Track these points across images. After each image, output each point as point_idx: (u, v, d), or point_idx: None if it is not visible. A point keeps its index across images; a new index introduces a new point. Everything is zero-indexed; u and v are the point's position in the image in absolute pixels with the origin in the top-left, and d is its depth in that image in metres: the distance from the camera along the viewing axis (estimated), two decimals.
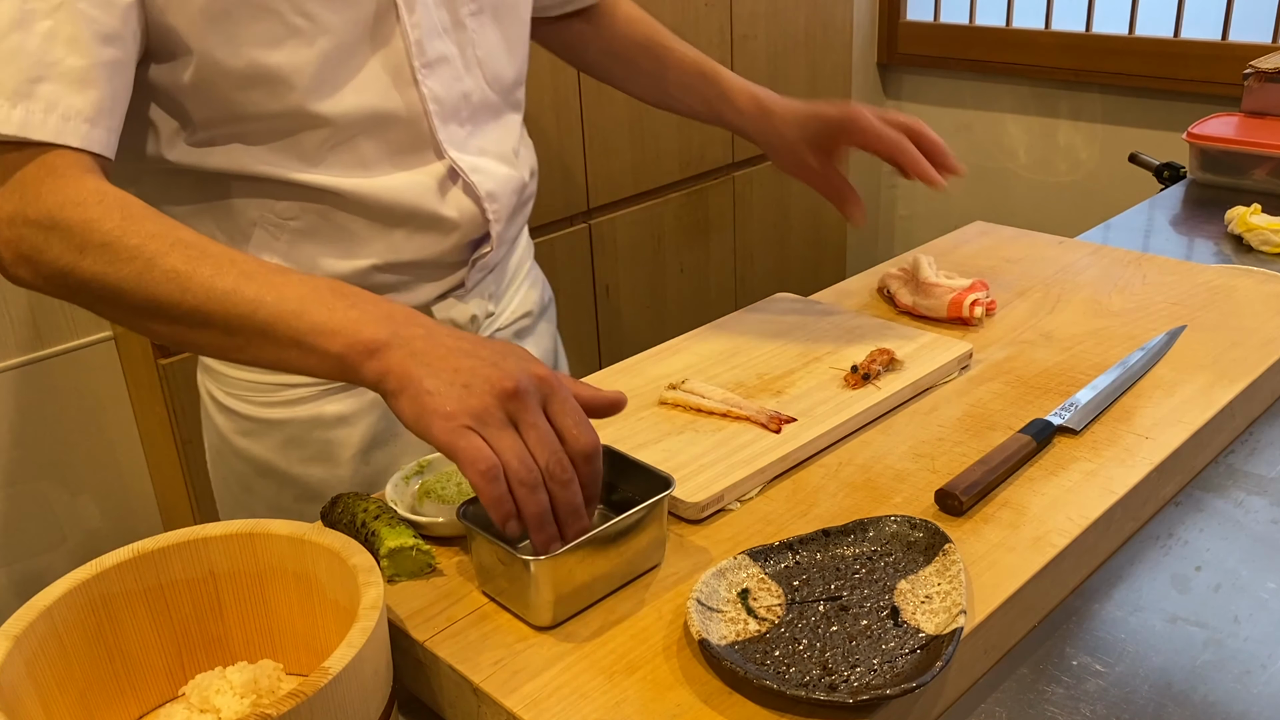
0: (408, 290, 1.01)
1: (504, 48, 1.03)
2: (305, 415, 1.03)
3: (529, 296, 1.18)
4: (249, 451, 1.06)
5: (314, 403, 1.03)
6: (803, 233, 2.64)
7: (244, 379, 1.03)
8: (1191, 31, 2.54)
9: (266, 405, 1.03)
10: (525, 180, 1.08)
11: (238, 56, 0.86)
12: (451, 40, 0.97)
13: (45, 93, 0.77)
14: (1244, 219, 1.49)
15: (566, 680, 0.68)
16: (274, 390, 1.03)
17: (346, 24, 0.89)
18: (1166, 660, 0.74)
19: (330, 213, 0.95)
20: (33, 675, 0.65)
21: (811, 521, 0.82)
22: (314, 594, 0.73)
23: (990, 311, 1.15)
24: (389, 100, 0.93)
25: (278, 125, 0.91)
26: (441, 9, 0.96)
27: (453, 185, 0.99)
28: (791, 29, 2.42)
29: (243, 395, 1.04)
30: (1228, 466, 0.96)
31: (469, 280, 1.05)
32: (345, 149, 0.93)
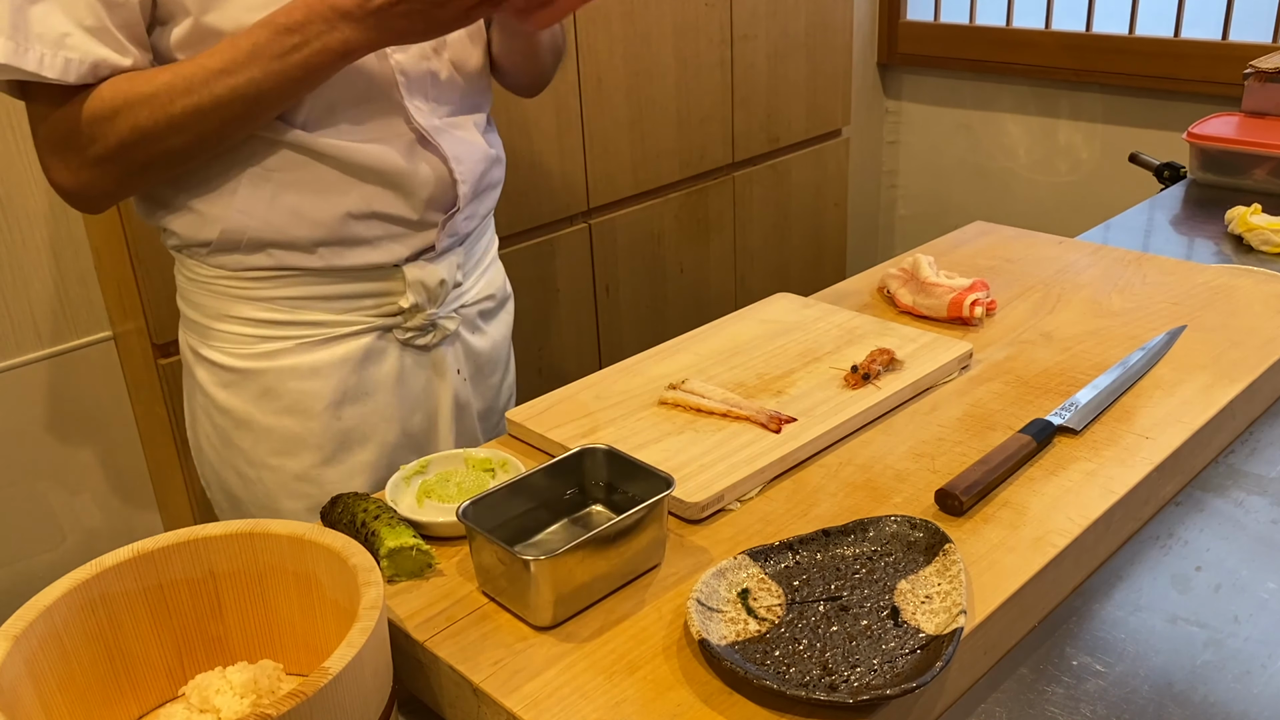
0: (381, 245, 1.09)
1: (468, 37, 1.13)
2: (282, 366, 1.10)
3: (494, 281, 1.26)
4: (227, 404, 1.12)
5: (290, 356, 1.10)
6: (803, 233, 2.64)
7: (232, 331, 1.10)
8: (1191, 31, 2.54)
9: (248, 357, 1.10)
10: (491, 156, 1.16)
11: (228, 20, 0.95)
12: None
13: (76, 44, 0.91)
14: (1244, 219, 1.49)
15: (566, 680, 0.68)
16: (254, 342, 1.10)
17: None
18: (1166, 660, 0.74)
19: (310, 165, 1.03)
20: (33, 675, 0.65)
21: (811, 521, 0.82)
22: (314, 594, 0.73)
23: (990, 311, 1.15)
24: (365, 68, 1.02)
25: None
26: None
27: (420, 148, 1.08)
28: (791, 29, 2.42)
29: (224, 348, 1.11)
30: (1228, 466, 0.96)
31: (439, 243, 1.12)
32: (325, 113, 1.02)
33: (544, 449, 0.94)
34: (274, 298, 1.08)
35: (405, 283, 1.11)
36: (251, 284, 1.08)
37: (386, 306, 1.12)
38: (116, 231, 1.59)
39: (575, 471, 0.83)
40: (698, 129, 2.27)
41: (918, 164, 3.13)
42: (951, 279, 1.16)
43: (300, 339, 1.10)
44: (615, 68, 2.07)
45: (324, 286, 1.09)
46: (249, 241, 1.05)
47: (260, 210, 1.04)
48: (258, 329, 1.10)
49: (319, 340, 1.10)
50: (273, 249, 1.06)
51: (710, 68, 2.26)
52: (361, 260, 1.08)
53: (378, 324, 1.12)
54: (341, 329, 1.11)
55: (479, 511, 0.77)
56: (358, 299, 1.11)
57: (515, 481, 0.80)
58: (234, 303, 1.09)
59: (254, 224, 1.04)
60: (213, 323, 1.11)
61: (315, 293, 1.09)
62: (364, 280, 1.10)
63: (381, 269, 1.10)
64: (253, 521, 0.74)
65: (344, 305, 1.10)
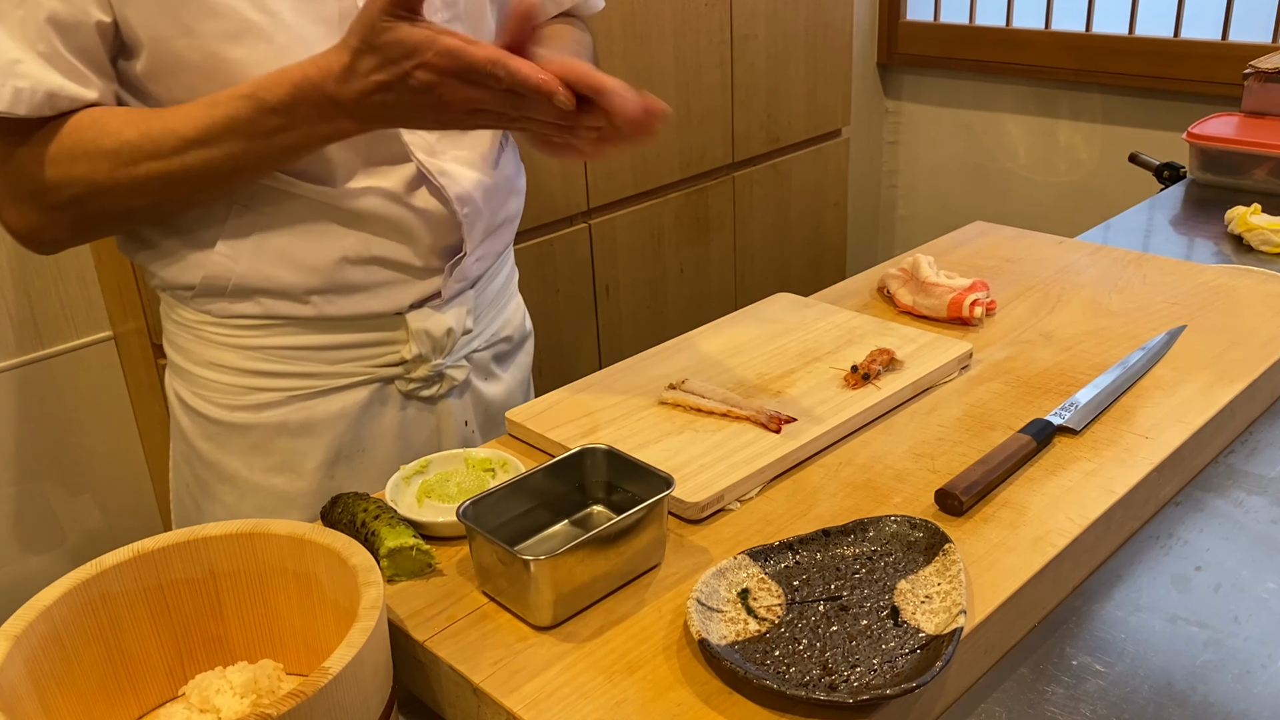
0: (381, 292, 1.00)
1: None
2: (271, 421, 1.02)
3: (511, 321, 1.16)
4: (211, 456, 1.04)
5: (280, 409, 1.02)
6: (803, 233, 2.64)
7: (217, 380, 1.02)
8: (1191, 31, 2.54)
9: (234, 409, 1.02)
10: (503, 189, 1.05)
11: (195, 49, 0.87)
12: None
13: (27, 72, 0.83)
14: (1244, 219, 1.49)
15: (566, 680, 0.68)
16: (242, 393, 1.01)
17: (307, 22, 0.89)
18: (1166, 660, 0.74)
19: (300, 206, 0.95)
20: (33, 675, 0.65)
21: (811, 521, 0.82)
22: (314, 594, 0.73)
23: (990, 311, 1.15)
24: None
25: None
26: None
27: (420, 188, 0.98)
28: (791, 29, 2.42)
29: (210, 397, 1.03)
30: (1228, 466, 0.96)
31: (446, 290, 1.03)
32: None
33: (544, 449, 0.94)
34: (263, 347, 1.00)
35: (408, 332, 1.02)
36: (239, 332, 1.00)
37: (387, 357, 1.03)
38: None
39: (575, 471, 0.83)
40: (698, 129, 2.27)
41: (918, 164, 3.13)
42: (951, 279, 1.16)
43: (292, 391, 1.02)
44: (615, 68, 2.07)
45: (318, 336, 1.00)
46: (234, 288, 0.97)
47: (246, 254, 0.95)
48: (246, 379, 1.01)
49: (312, 393, 1.02)
50: (261, 296, 0.97)
51: (710, 68, 2.26)
52: (359, 309, 1.00)
53: (378, 375, 1.04)
54: (337, 381, 1.02)
55: (479, 511, 0.77)
56: (355, 349, 1.02)
57: (515, 481, 0.80)
58: (220, 350, 1.01)
59: (239, 269, 0.96)
60: (198, 370, 1.03)
61: (308, 343, 1.00)
62: (362, 330, 1.01)
63: (382, 317, 1.01)
64: (253, 521, 0.74)
65: (340, 356, 1.02)
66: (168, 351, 1.07)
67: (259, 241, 0.95)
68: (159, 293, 1.04)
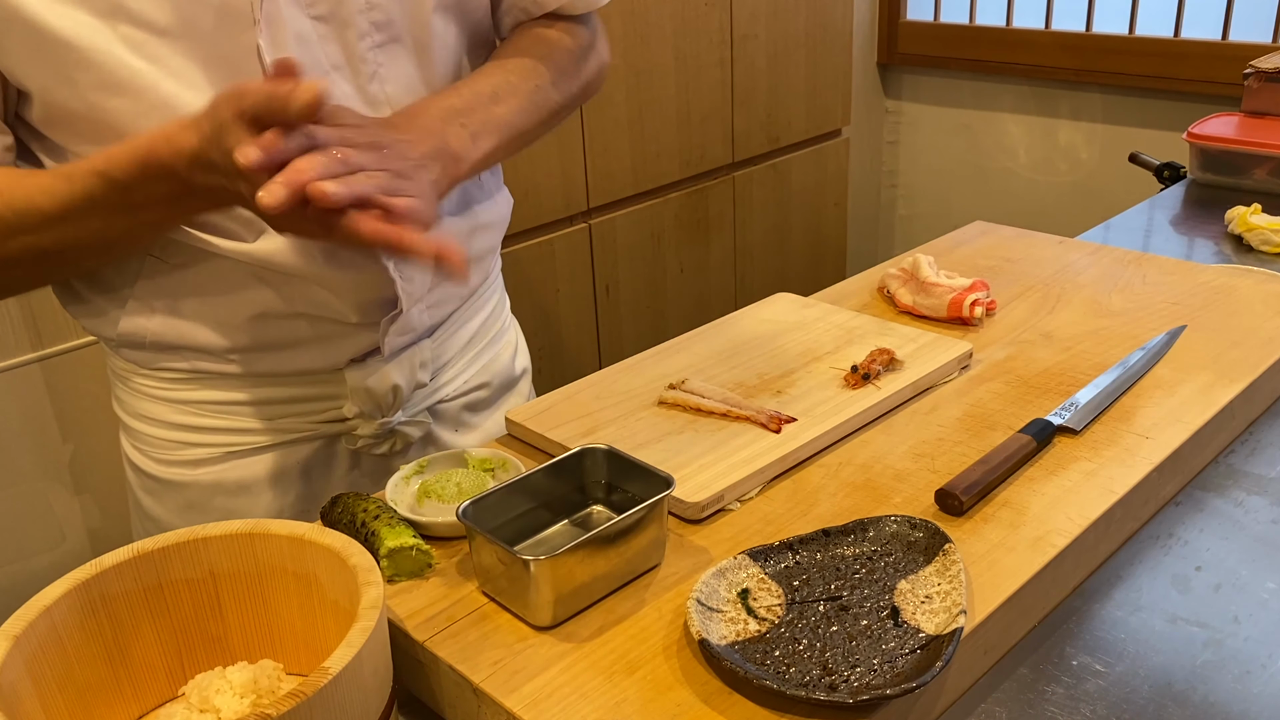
0: (313, 346, 0.92)
1: (421, 79, 0.90)
2: (207, 480, 0.96)
3: (493, 365, 1.06)
4: (153, 511, 0.99)
5: (215, 465, 0.96)
6: (803, 233, 2.64)
7: (150, 434, 0.96)
8: (1191, 31, 2.54)
9: (169, 464, 0.96)
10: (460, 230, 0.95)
11: (77, 99, 0.79)
12: (346, 79, 0.85)
13: None
14: (1244, 219, 1.49)
15: (566, 680, 0.68)
16: (175, 448, 0.96)
17: (197, 66, 0.79)
18: (1166, 660, 0.74)
19: (213, 264, 0.87)
20: (33, 675, 0.65)
21: (811, 521, 0.82)
22: (314, 594, 0.73)
23: (990, 311, 1.15)
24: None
25: None
26: (330, 43, 0.84)
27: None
28: (791, 29, 2.42)
29: (148, 451, 0.97)
30: (1228, 466, 0.96)
31: (386, 345, 0.94)
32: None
33: (544, 449, 0.94)
34: (194, 401, 0.93)
35: (347, 389, 0.94)
36: (167, 385, 0.93)
37: (329, 413, 0.95)
38: None
39: (575, 471, 0.83)
40: (698, 129, 2.27)
41: (918, 164, 3.13)
42: (951, 279, 1.16)
43: (228, 448, 0.94)
44: (615, 68, 2.07)
45: (249, 391, 0.93)
46: (152, 344, 0.90)
47: (160, 311, 0.88)
48: (179, 434, 0.94)
49: (249, 450, 0.94)
50: (184, 351, 0.90)
51: (710, 68, 2.26)
52: (287, 366, 0.92)
53: (321, 431, 0.96)
54: (277, 437, 0.95)
55: (479, 511, 0.77)
56: (291, 404, 0.94)
57: (515, 481, 0.80)
58: (152, 403, 0.94)
59: (154, 325, 0.89)
60: (133, 422, 0.96)
61: (239, 398, 0.93)
62: (296, 385, 0.94)
63: (317, 373, 0.93)
64: (253, 521, 0.74)
65: (275, 411, 0.94)
66: (113, 402, 1.01)
67: (173, 298, 0.88)
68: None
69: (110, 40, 0.77)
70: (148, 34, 0.78)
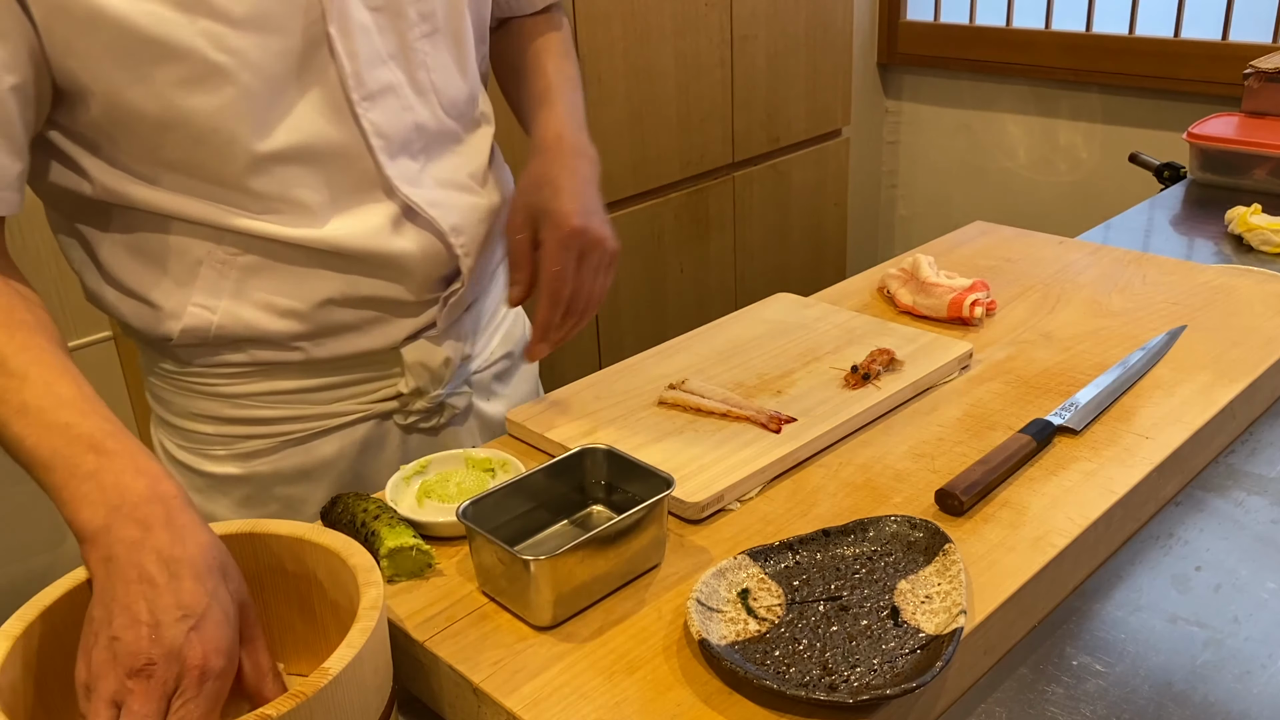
0: (372, 330, 0.95)
1: (457, 68, 0.95)
2: (265, 471, 0.97)
3: (511, 335, 1.11)
4: (204, 510, 0.96)
5: (274, 455, 0.97)
6: (803, 233, 2.64)
7: (202, 432, 0.97)
8: (1191, 31, 2.54)
9: (222, 460, 0.97)
10: (495, 206, 1.00)
11: (151, 99, 0.79)
12: (399, 67, 0.90)
13: None
14: (1244, 219, 1.49)
15: (566, 680, 0.68)
16: (232, 443, 0.96)
17: (272, 58, 0.82)
18: (1166, 660, 0.74)
19: (278, 252, 0.88)
20: (33, 675, 0.65)
21: (811, 521, 0.82)
22: (314, 594, 0.73)
23: (990, 311, 1.15)
24: (327, 137, 0.86)
25: (206, 169, 0.84)
26: (386, 34, 0.88)
27: (408, 222, 0.92)
28: (791, 29, 2.42)
29: (198, 449, 0.98)
30: (1228, 466, 0.96)
31: (441, 320, 0.97)
32: (284, 192, 0.86)
33: (544, 449, 0.94)
34: (252, 394, 0.94)
35: (404, 366, 0.97)
36: (223, 381, 0.94)
37: (383, 391, 0.98)
38: None
39: (575, 471, 0.83)
40: (698, 129, 2.27)
41: (918, 164, 3.13)
42: (951, 279, 1.16)
43: (284, 436, 0.96)
44: (615, 68, 2.07)
45: (307, 379, 0.95)
46: (215, 338, 0.90)
47: (224, 304, 0.89)
48: (235, 428, 0.95)
49: (307, 435, 0.97)
50: (245, 345, 0.92)
51: (710, 68, 2.26)
52: (349, 349, 0.94)
53: (374, 411, 0.99)
54: (333, 421, 0.97)
55: (479, 511, 0.77)
56: (349, 387, 0.97)
57: (515, 481, 0.80)
58: (206, 401, 0.95)
59: (218, 319, 0.89)
60: (183, 422, 0.97)
61: (298, 385, 0.95)
62: (355, 369, 0.96)
63: (374, 354, 0.96)
64: (253, 521, 0.74)
65: (333, 395, 0.97)
66: (150, 403, 1.01)
67: (236, 289, 0.89)
68: (137, 344, 0.98)
69: (192, 34, 0.78)
70: (226, 27, 0.79)
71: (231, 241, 0.87)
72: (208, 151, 0.83)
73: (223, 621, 0.63)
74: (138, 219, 0.88)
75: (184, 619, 0.62)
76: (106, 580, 0.63)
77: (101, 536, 0.64)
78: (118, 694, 0.61)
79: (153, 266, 0.89)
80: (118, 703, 0.61)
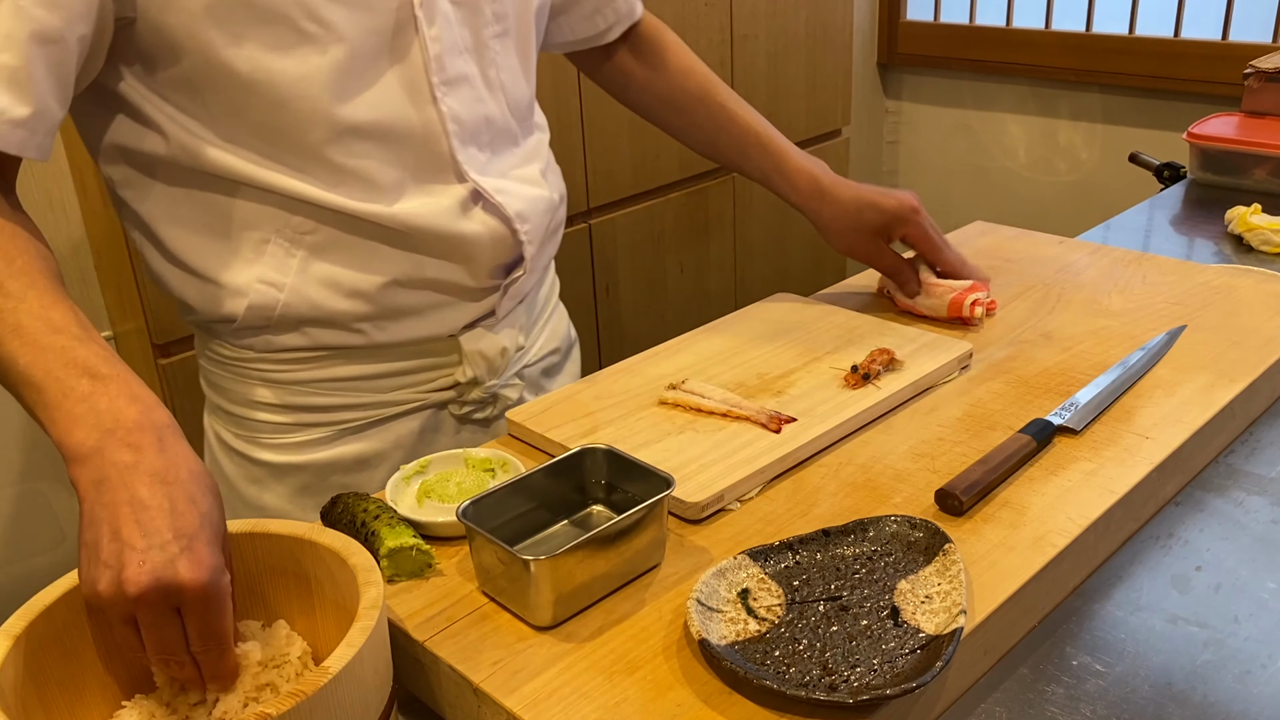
0: (433, 315, 0.97)
1: (522, 72, 1.00)
2: (323, 459, 0.99)
3: (557, 331, 1.14)
4: (258, 501, 1.01)
5: (331, 445, 0.98)
6: (803, 233, 2.64)
7: (261, 419, 0.98)
8: (1191, 31, 2.54)
9: (279, 449, 0.99)
10: (555, 202, 1.03)
11: (243, 59, 0.82)
12: (473, 60, 0.93)
13: None
14: (1244, 219, 1.49)
15: (566, 680, 0.68)
16: (288, 432, 0.98)
17: (363, 33, 0.85)
18: (1166, 660, 0.74)
19: (348, 227, 0.91)
20: (33, 675, 0.65)
21: (811, 521, 0.82)
22: (314, 594, 0.73)
23: (991, 311, 1.15)
24: (405, 117, 0.89)
25: (286, 135, 0.87)
26: (464, 27, 0.92)
27: (475, 207, 0.94)
28: (791, 29, 2.42)
29: (254, 438, 0.99)
30: (1228, 466, 0.96)
31: (500, 308, 1.00)
32: (360, 167, 0.89)
33: (544, 449, 0.94)
34: (311, 380, 0.96)
35: (462, 355, 0.99)
36: (284, 367, 0.96)
37: (440, 381, 1.00)
38: (116, 231, 1.59)
39: (575, 471, 0.83)
40: None
41: (918, 164, 3.13)
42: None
43: (342, 424, 0.98)
44: None
45: (367, 365, 0.97)
46: (279, 319, 0.92)
47: (290, 281, 0.91)
48: (292, 416, 0.97)
49: (364, 424, 0.99)
50: (307, 326, 0.93)
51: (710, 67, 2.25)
52: (410, 334, 0.96)
53: (430, 401, 1.01)
54: (389, 410, 0.99)
55: (479, 511, 0.77)
56: (407, 375, 0.99)
57: (515, 481, 0.80)
58: (264, 388, 0.97)
59: (284, 297, 0.91)
60: (240, 409, 0.98)
61: (357, 373, 0.97)
62: (414, 356, 0.98)
63: (434, 341, 0.98)
64: (253, 521, 0.74)
65: (391, 384, 0.99)
66: (206, 391, 1.03)
67: (303, 267, 0.91)
68: (195, 329, 1.00)
69: (288, 3, 0.82)
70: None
71: (303, 213, 0.90)
72: (289, 117, 0.86)
73: (213, 541, 0.64)
74: (209, 184, 0.89)
75: (176, 539, 0.62)
76: (97, 502, 0.64)
77: (94, 458, 0.65)
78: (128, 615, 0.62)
79: (219, 241, 0.90)
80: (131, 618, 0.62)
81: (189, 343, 1.66)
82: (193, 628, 0.63)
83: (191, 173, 0.89)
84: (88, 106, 0.89)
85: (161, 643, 0.63)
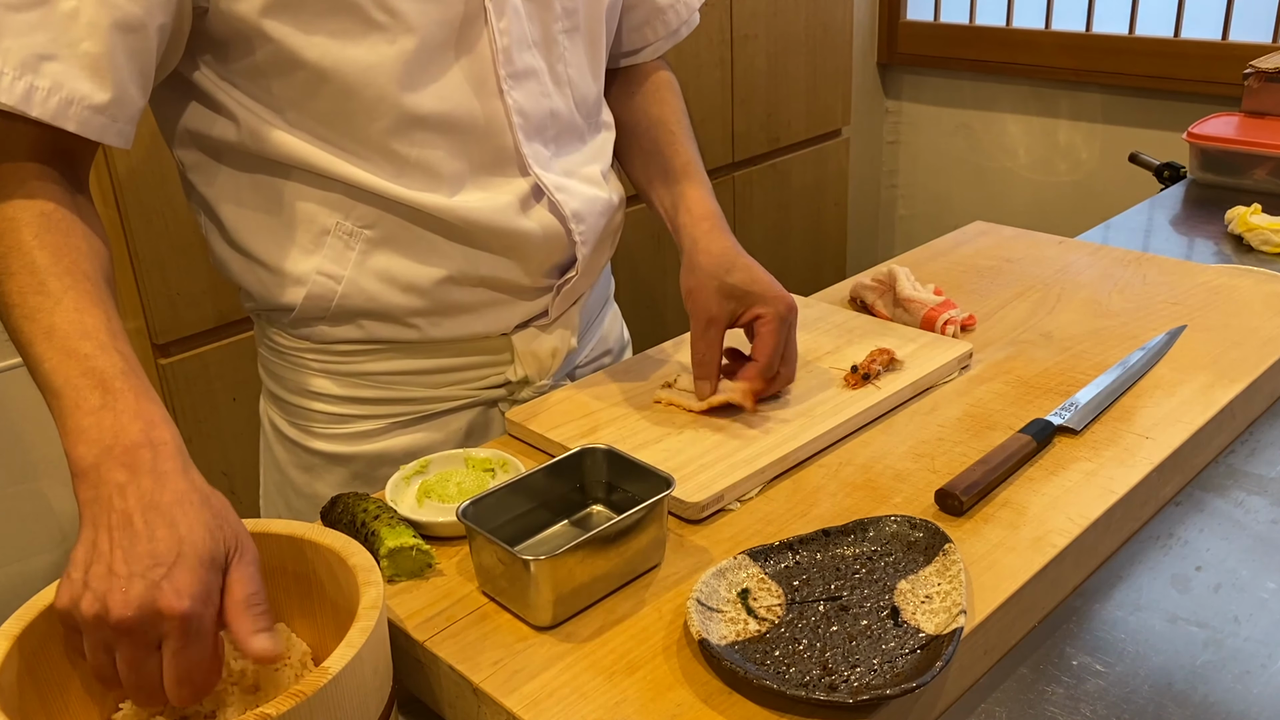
0: (487, 313, 0.97)
1: (590, 69, 1.00)
2: (373, 451, 1.00)
3: (610, 333, 1.13)
4: (309, 489, 1.02)
5: (381, 438, 0.99)
6: (803, 233, 2.64)
7: (315, 409, 0.99)
8: (1191, 31, 2.54)
9: (332, 439, 0.99)
10: (614, 204, 1.03)
11: (313, 48, 0.83)
12: (540, 54, 0.93)
13: (53, 71, 0.74)
14: (1244, 219, 1.49)
15: (566, 680, 0.68)
16: (340, 422, 0.99)
17: (432, 24, 0.86)
18: (1166, 660, 0.74)
19: (407, 219, 0.91)
20: (33, 675, 0.66)
21: (811, 521, 0.82)
22: (314, 594, 0.73)
23: (968, 327, 1.13)
24: (471, 109, 0.90)
25: (353, 124, 0.87)
26: (533, 21, 0.92)
27: (536, 204, 0.94)
28: (791, 29, 2.42)
29: (308, 427, 1.00)
30: (1228, 466, 0.96)
31: (553, 309, 1.00)
32: (423, 158, 0.89)
33: (544, 449, 0.94)
34: (364, 373, 0.97)
35: (514, 354, 1.00)
36: (338, 359, 0.97)
37: (491, 379, 1.01)
38: (116, 231, 1.59)
39: (575, 471, 0.83)
40: (698, 129, 2.26)
41: (918, 164, 3.13)
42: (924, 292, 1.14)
43: (394, 418, 0.99)
44: None
45: (421, 360, 0.98)
46: (336, 310, 0.93)
47: (347, 273, 0.92)
48: (345, 407, 0.98)
49: (415, 418, 0.99)
50: (363, 319, 0.94)
51: (710, 68, 2.26)
52: (463, 331, 0.97)
53: (481, 398, 1.01)
54: (441, 405, 1.00)
55: (479, 511, 0.77)
56: (459, 372, 0.99)
57: (515, 481, 0.80)
58: (318, 378, 0.98)
59: (341, 289, 0.92)
60: (295, 398, 1.00)
61: (411, 367, 0.98)
62: (466, 353, 0.99)
63: (487, 339, 0.99)
64: (252, 521, 0.74)
65: (444, 380, 0.99)
66: (263, 378, 1.04)
67: (361, 259, 0.92)
68: (254, 317, 1.01)
69: None
70: None
71: (365, 202, 0.90)
72: (356, 105, 0.86)
73: (195, 566, 0.62)
74: (274, 170, 0.90)
75: (154, 568, 0.61)
76: (90, 519, 0.64)
77: (91, 474, 0.65)
78: (107, 641, 0.62)
79: (280, 229, 0.92)
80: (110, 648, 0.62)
81: (189, 343, 1.66)
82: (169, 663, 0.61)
83: (258, 159, 0.90)
84: (164, 92, 0.90)
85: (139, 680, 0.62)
